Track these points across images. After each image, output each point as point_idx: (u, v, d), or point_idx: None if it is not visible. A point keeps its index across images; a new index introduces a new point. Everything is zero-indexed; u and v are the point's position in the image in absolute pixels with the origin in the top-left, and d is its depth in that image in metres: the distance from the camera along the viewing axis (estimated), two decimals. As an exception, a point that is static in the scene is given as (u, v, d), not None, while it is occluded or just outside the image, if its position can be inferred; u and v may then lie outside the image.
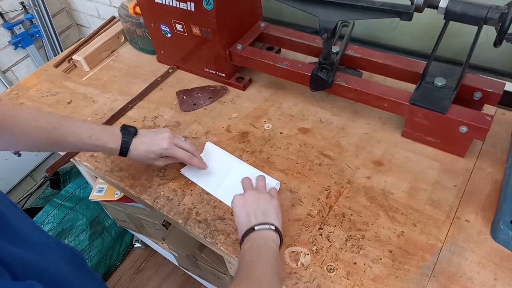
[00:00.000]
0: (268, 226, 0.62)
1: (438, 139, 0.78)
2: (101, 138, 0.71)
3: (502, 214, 0.63)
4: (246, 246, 0.60)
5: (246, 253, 0.58)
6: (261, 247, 0.59)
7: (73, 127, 0.69)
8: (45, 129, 0.67)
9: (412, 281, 0.61)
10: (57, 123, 0.68)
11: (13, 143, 0.67)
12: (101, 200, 1.15)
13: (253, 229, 0.61)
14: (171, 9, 0.91)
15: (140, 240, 1.68)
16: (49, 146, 0.71)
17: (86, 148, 0.73)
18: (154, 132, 0.76)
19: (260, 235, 0.61)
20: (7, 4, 1.56)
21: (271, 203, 0.66)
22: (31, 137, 0.66)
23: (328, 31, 0.71)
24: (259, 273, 0.54)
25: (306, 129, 0.87)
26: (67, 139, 0.69)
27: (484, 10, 0.60)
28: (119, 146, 0.72)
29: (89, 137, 0.70)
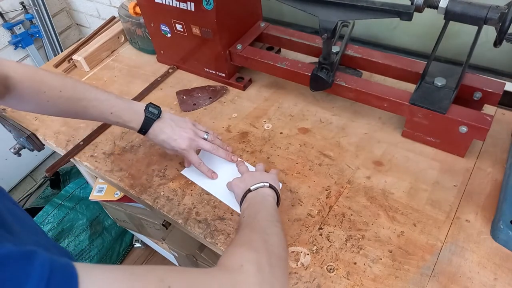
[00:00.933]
0: (262, 184, 0.65)
1: (438, 139, 0.78)
2: (122, 116, 0.71)
3: (502, 214, 0.63)
4: (245, 206, 0.63)
5: (246, 211, 0.61)
6: (260, 202, 0.62)
7: (96, 101, 0.69)
8: (69, 100, 0.67)
9: (412, 281, 0.61)
10: (82, 94, 0.69)
11: (40, 108, 0.68)
12: (101, 200, 1.15)
13: (249, 190, 0.65)
14: (171, 9, 0.91)
15: (140, 240, 1.68)
16: (73, 116, 0.71)
17: (106, 122, 0.73)
18: (177, 122, 0.75)
19: (257, 193, 0.64)
20: (7, 4, 1.57)
21: (268, 175, 0.70)
22: (56, 107, 0.67)
23: (328, 31, 0.71)
24: (262, 222, 0.56)
25: (306, 129, 0.87)
26: (90, 112, 0.70)
27: (484, 10, 0.60)
28: (139, 126, 0.72)
29: (110, 113, 0.70)
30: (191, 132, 0.74)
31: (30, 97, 0.65)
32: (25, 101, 0.66)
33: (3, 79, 0.62)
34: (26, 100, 0.65)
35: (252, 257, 0.47)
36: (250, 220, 0.57)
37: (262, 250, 0.50)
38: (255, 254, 0.48)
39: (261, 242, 0.51)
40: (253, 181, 0.67)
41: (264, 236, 0.53)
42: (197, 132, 0.76)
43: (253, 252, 0.48)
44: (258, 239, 0.52)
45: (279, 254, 0.52)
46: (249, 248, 0.50)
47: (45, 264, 0.30)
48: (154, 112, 0.73)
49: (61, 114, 0.71)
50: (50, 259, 0.31)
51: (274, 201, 0.64)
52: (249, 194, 0.65)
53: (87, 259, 1.52)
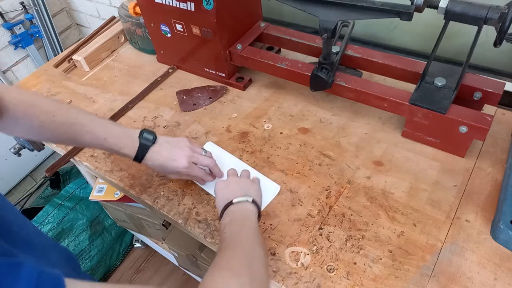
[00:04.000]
0: (245, 198, 0.63)
1: (438, 139, 0.78)
2: (117, 142, 0.68)
3: (502, 214, 0.63)
4: (226, 220, 0.61)
5: (227, 226, 0.59)
6: (242, 219, 0.60)
7: (90, 126, 0.67)
8: (63, 124, 0.66)
9: (412, 281, 0.61)
10: (75, 119, 0.66)
11: (33, 133, 0.66)
12: (101, 200, 1.15)
13: (231, 202, 0.63)
14: (171, 9, 0.91)
15: (140, 240, 1.68)
16: (66, 141, 0.70)
17: (101, 148, 0.71)
18: (173, 144, 0.72)
19: (239, 207, 0.62)
20: (7, 4, 1.57)
21: (252, 185, 0.68)
22: (49, 132, 0.65)
23: (328, 31, 0.71)
24: (244, 243, 0.55)
25: (306, 129, 0.87)
26: (83, 138, 0.67)
27: (484, 10, 0.60)
28: (135, 153, 0.69)
29: (104, 139, 0.67)
30: (188, 150, 0.71)
31: (23, 121, 0.62)
32: (17, 125, 0.63)
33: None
34: (19, 124, 0.63)
35: (235, 284, 0.47)
36: (233, 239, 0.56)
37: (245, 276, 0.48)
38: (238, 281, 0.47)
39: (244, 267, 0.50)
40: (237, 190, 0.65)
41: (248, 260, 0.52)
42: (194, 149, 0.73)
43: (236, 279, 0.47)
44: (241, 264, 0.51)
45: (261, 280, 0.51)
46: (232, 274, 0.48)
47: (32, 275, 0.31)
48: (149, 137, 0.70)
49: (55, 140, 0.69)
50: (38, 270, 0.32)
51: (256, 217, 0.62)
52: (231, 207, 0.62)
53: (87, 259, 1.52)
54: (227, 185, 0.67)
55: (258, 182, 0.71)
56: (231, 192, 0.65)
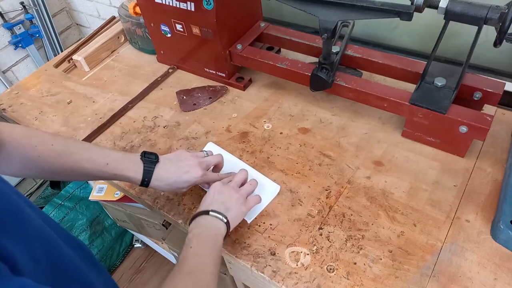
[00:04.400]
0: (221, 216, 0.62)
1: (438, 139, 0.78)
2: (119, 166, 0.65)
3: (502, 214, 0.63)
4: (197, 231, 0.60)
5: (194, 240, 0.59)
6: (211, 242, 0.59)
7: (89, 152, 0.65)
8: (61, 154, 0.63)
9: (412, 281, 0.61)
10: (74, 147, 0.64)
11: (30, 166, 0.62)
12: (101, 200, 1.15)
13: (207, 212, 0.62)
14: (171, 9, 0.91)
15: (140, 240, 1.68)
16: (64, 173, 0.65)
17: (103, 177, 0.66)
18: (175, 159, 0.69)
19: (212, 223, 0.62)
20: (7, 4, 1.57)
21: (238, 206, 0.65)
22: (47, 162, 0.62)
23: (328, 31, 0.71)
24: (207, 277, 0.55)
25: (306, 129, 0.87)
26: (83, 166, 0.64)
27: (484, 10, 0.60)
28: (141, 176, 0.65)
29: (106, 164, 0.64)
30: (194, 158, 0.69)
31: (19, 154, 0.60)
32: (13, 161, 0.60)
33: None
34: (15, 159, 0.60)
35: None
36: (196, 265, 0.55)
37: None
38: None
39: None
40: (222, 200, 0.64)
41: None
42: (197, 155, 0.72)
43: None
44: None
45: None
46: None
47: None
48: (151, 157, 0.67)
49: (53, 172, 0.65)
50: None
51: (222, 239, 0.61)
52: (204, 217, 0.62)
53: (87, 259, 1.51)
54: (220, 192, 0.66)
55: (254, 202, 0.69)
56: (216, 200, 0.65)
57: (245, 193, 0.68)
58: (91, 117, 0.98)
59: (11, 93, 1.10)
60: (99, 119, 0.97)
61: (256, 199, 0.70)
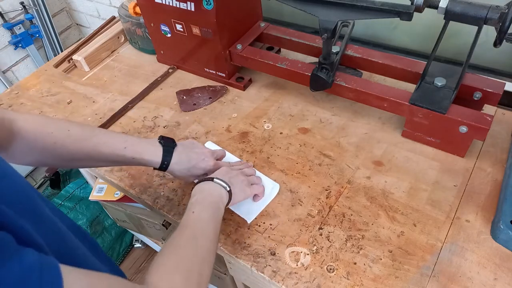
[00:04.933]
0: (225, 184, 0.64)
1: (438, 139, 0.78)
2: (137, 149, 0.65)
3: (502, 214, 0.63)
4: (200, 197, 0.62)
5: (197, 205, 0.60)
6: (214, 207, 0.61)
7: (106, 137, 0.64)
8: (78, 139, 0.62)
9: (412, 281, 0.61)
10: (91, 132, 0.64)
11: (46, 155, 0.61)
12: (101, 200, 1.15)
13: (212, 179, 0.64)
14: (171, 9, 0.91)
15: (140, 240, 1.68)
16: (81, 158, 0.64)
17: (120, 161, 0.66)
18: (190, 146, 0.72)
19: (215, 189, 0.63)
20: (7, 4, 1.57)
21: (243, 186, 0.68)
22: (64, 148, 0.61)
23: (328, 31, 0.71)
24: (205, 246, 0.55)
25: (306, 129, 0.87)
26: (101, 150, 0.63)
27: (484, 10, 0.60)
28: (160, 159, 0.66)
29: (124, 148, 0.64)
30: (206, 148, 0.75)
31: (35, 143, 0.59)
32: (29, 150, 0.59)
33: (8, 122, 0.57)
34: (31, 147, 0.59)
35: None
36: (198, 231, 0.56)
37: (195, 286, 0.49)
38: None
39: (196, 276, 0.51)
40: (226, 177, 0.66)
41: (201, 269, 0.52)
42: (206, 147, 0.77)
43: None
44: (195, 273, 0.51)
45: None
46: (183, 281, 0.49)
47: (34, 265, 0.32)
48: (170, 141, 0.68)
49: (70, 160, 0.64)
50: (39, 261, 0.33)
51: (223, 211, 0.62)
52: (209, 183, 0.64)
53: (87, 259, 1.51)
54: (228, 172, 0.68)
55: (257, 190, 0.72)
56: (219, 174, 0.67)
57: (250, 179, 0.72)
58: (91, 117, 0.98)
59: (11, 93, 1.10)
60: (99, 119, 0.97)
61: (260, 188, 0.73)
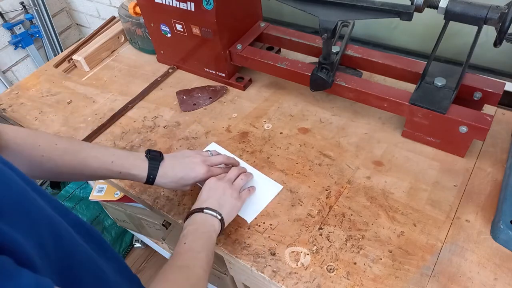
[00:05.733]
0: (216, 213, 0.64)
1: (438, 139, 0.78)
2: (124, 164, 0.65)
3: (502, 214, 0.63)
4: (192, 228, 0.62)
5: (190, 235, 0.60)
6: (205, 240, 0.60)
7: (94, 151, 0.65)
8: (66, 152, 0.63)
9: (412, 281, 0.61)
10: (79, 146, 0.65)
11: (33, 167, 0.61)
12: (101, 200, 1.15)
13: (202, 210, 0.64)
14: (171, 9, 0.91)
15: (140, 240, 1.68)
16: (69, 172, 0.64)
17: (107, 175, 0.66)
18: (179, 156, 0.71)
19: (206, 220, 0.63)
20: (7, 4, 1.57)
21: (232, 201, 0.67)
22: (52, 161, 0.61)
23: (328, 31, 0.71)
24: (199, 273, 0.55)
25: (306, 129, 0.87)
26: (88, 164, 0.64)
27: (484, 10, 0.60)
28: (146, 173, 0.66)
29: (111, 162, 0.65)
30: (198, 156, 0.71)
31: (24, 154, 0.59)
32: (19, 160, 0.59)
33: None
34: (19, 157, 0.59)
35: None
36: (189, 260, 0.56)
37: None
38: None
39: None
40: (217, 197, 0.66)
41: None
42: (201, 153, 0.73)
43: None
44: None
45: None
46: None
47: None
48: (157, 154, 0.68)
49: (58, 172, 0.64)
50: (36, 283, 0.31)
51: (216, 237, 0.62)
52: (199, 215, 0.63)
53: (87, 259, 1.51)
54: (215, 188, 0.67)
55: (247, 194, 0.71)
56: (211, 197, 0.66)
57: (238, 187, 0.70)
58: (91, 117, 0.98)
59: (11, 93, 1.10)
60: (99, 119, 0.97)
61: (247, 193, 0.72)
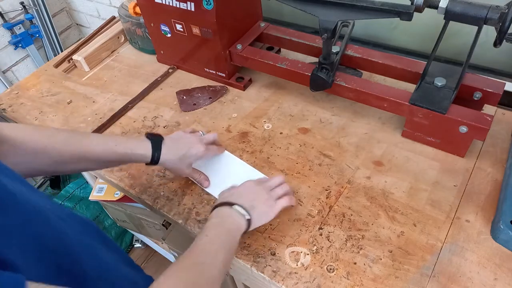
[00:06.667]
0: (245, 212, 0.61)
1: (438, 139, 0.78)
2: (127, 145, 0.66)
3: (502, 214, 0.63)
4: (216, 221, 0.60)
5: (213, 230, 0.58)
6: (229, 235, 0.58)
7: (96, 138, 0.66)
8: (68, 140, 0.62)
9: (412, 281, 0.61)
10: (80, 135, 0.66)
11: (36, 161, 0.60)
12: (101, 200, 1.15)
13: (231, 204, 0.62)
14: (171, 9, 0.91)
15: (140, 240, 1.68)
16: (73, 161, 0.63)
17: (113, 159, 0.66)
18: (176, 137, 0.73)
19: (233, 217, 0.61)
20: (7, 4, 1.57)
21: (265, 208, 0.65)
22: (55, 151, 0.60)
23: (328, 31, 0.71)
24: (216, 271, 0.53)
25: (306, 129, 0.87)
26: (93, 149, 0.64)
27: (484, 10, 0.60)
28: (150, 152, 0.67)
29: (115, 145, 0.65)
30: (193, 136, 0.75)
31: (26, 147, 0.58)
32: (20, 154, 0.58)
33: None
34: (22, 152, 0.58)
35: None
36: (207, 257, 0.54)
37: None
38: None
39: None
40: (252, 198, 0.64)
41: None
42: (194, 134, 0.77)
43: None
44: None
45: None
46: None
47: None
48: (156, 135, 0.70)
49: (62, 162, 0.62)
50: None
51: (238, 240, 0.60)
52: (228, 209, 0.61)
53: (87, 259, 1.51)
54: (255, 192, 0.65)
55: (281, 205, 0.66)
56: (246, 196, 0.64)
57: (275, 195, 0.67)
58: (91, 117, 0.98)
59: (11, 93, 1.10)
60: (99, 119, 0.97)
61: (284, 202, 0.67)
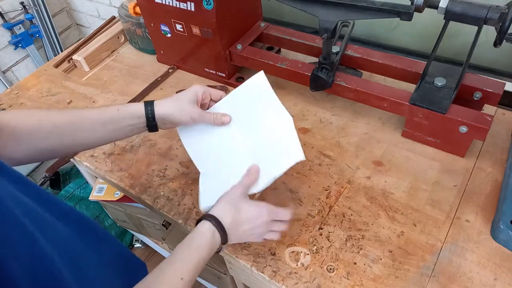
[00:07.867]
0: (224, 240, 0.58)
1: (438, 139, 0.78)
2: (119, 106, 0.64)
3: (502, 214, 0.63)
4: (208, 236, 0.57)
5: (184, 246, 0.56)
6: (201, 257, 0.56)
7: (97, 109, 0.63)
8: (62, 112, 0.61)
9: (412, 281, 0.61)
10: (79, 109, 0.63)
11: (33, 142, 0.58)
12: (101, 200, 1.15)
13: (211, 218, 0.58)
14: (171, 9, 0.91)
15: (140, 240, 1.68)
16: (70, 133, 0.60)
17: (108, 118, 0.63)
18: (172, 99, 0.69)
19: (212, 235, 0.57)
20: (7, 4, 1.57)
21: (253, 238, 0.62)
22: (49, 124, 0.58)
23: (328, 31, 0.71)
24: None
25: (306, 129, 0.87)
26: (87, 115, 0.61)
27: (484, 10, 0.60)
28: (142, 106, 0.64)
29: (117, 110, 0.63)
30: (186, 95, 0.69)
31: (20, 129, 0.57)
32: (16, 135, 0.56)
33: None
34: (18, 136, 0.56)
35: None
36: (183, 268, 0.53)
37: None
38: None
39: None
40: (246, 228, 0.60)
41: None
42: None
43: None
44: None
45: None
46: None
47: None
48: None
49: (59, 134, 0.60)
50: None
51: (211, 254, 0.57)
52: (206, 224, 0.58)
53: (87, 259, 1.51)
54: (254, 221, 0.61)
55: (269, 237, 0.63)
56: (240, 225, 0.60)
57: (271, 228, 0.63)
58: (91, 117, 0.98)
59: (11, 93, 1.10)
60: (99, 119, 0.97)
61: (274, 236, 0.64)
